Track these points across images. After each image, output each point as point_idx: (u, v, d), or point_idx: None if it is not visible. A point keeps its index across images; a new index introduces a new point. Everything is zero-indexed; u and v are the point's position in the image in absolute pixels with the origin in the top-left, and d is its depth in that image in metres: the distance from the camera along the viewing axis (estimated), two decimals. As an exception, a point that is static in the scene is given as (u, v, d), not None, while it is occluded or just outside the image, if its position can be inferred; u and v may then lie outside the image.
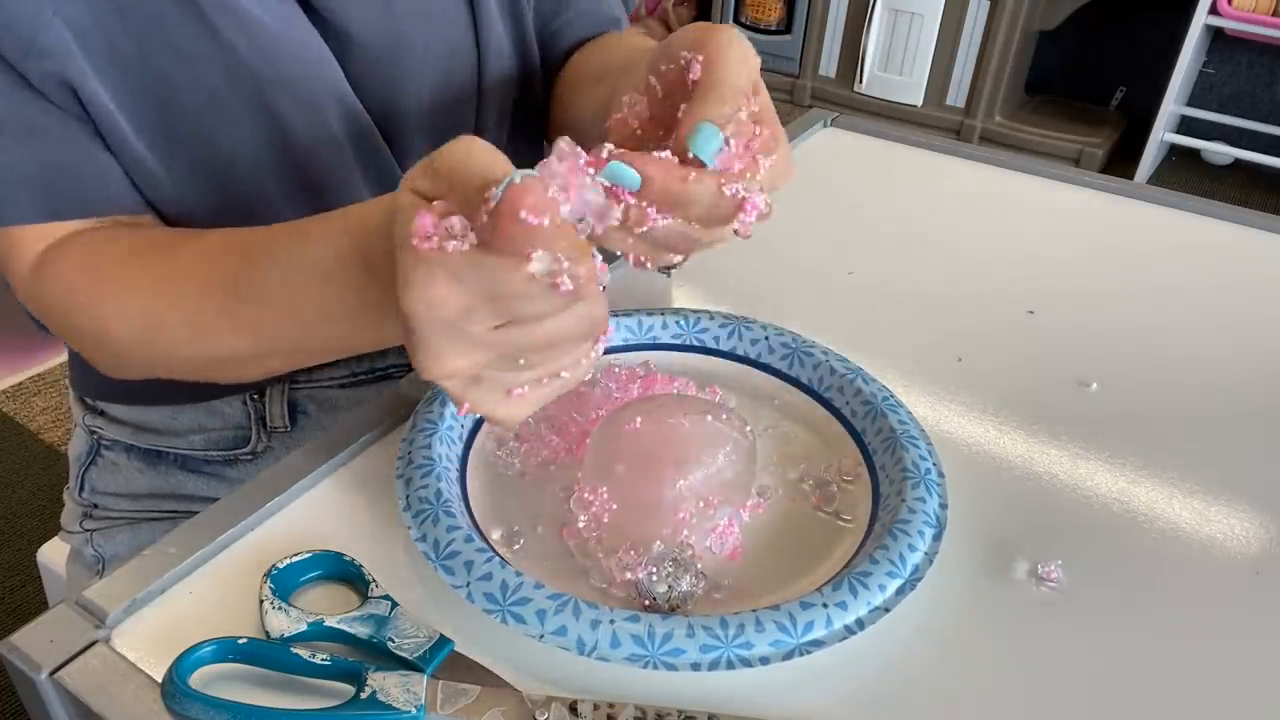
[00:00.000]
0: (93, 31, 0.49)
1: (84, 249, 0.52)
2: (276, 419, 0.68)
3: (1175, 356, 0.62)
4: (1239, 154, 2.81)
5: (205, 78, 0.52)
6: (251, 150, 0.55)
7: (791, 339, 0.55)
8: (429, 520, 0.42)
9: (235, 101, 0.53)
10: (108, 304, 0.51)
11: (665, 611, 0.42)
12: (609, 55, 0.66)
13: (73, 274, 0.52)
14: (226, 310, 0.48)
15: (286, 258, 0.46)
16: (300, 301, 0.45)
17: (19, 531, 1.55)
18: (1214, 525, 0.50)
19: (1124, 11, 2.93)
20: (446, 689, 0.38)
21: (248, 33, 0.52)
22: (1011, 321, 0.65)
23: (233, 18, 0.51)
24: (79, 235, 0.53)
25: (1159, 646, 0.43)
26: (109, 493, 0.72)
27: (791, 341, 0.55)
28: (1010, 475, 0.52)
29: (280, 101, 0.54)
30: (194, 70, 0.52)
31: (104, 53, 0.50)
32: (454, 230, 0.34)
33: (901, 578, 0.42)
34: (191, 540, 0.44)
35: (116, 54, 0.50)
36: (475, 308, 0.35)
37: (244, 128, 0.54)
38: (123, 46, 0.50)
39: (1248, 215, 0.78)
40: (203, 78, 0.52)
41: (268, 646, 0.39)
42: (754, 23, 3.22)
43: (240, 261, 0.48)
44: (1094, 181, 0.83)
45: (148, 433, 0.69)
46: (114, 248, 0.52)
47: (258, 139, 0.55)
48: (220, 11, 0.51)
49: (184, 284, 0.50)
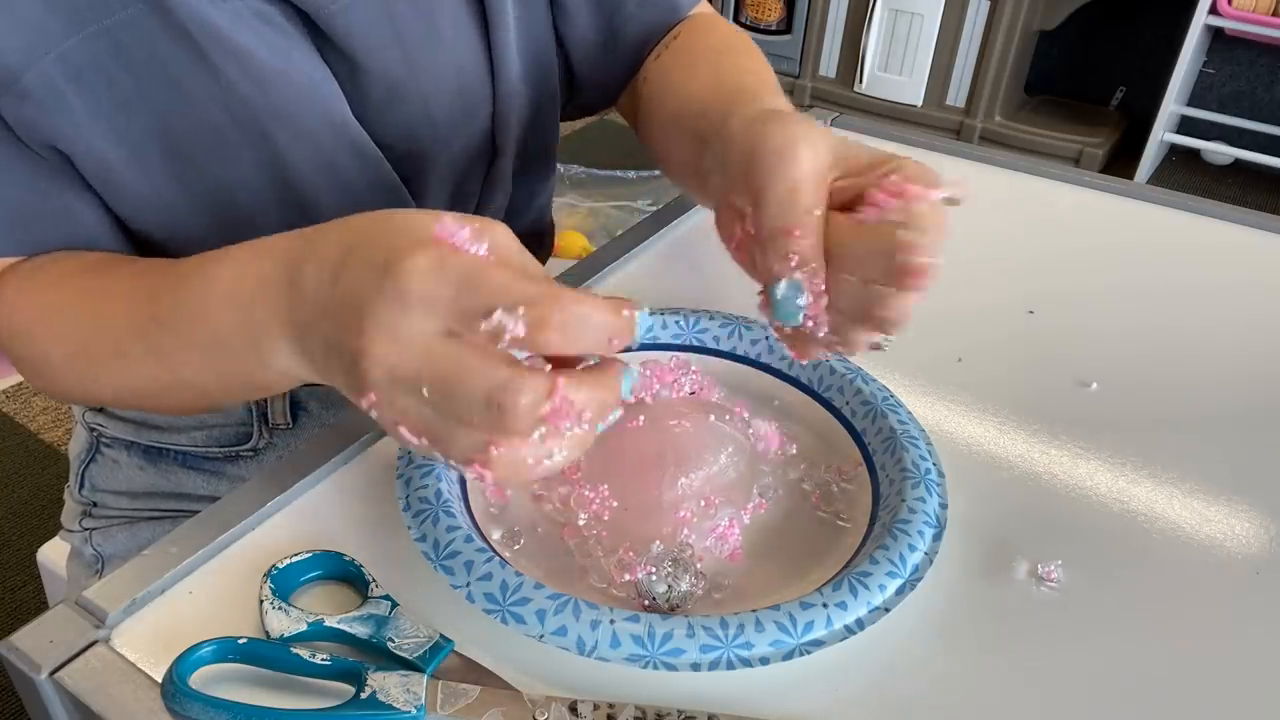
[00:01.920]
0: (89, 68, 0.48)
1: (29, 272, 0.52)
2: (278, 416, 0.68)
3: (1175, 356, 0.62)
4: (1239, 154, 2.81)
5: (204, 114, 0.51)
6: (252, 183, 0.54)
7: (791, 339, 0.55)
8: (429, 520, 0.42)
9: (235, 136, 0.53)
10: (43, 325, 0.51)
11: (664, 611, 0.42)
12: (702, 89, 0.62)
13: (15, 296, 0.52)
14: (142, 332, 0.47)
15: (202, 279, 0.44)
16: (207, 325, 0.43)
17: (19, 531, 1.55)
18: (1214, 525, 0.50)
19: (1124, 11, 2.93)
20: (446, 689, 0.38)
21: (247, 69, 0.51)
22: (1011, 321, 0.65)
23: (232, 56, 0.50)
24: (26, 260, 0.52)
25: (1159, 646, 0.43)
26: (109, 490, 0.72)
27: (791, 341, 0.55)
28: (1010, 475, 0.52)
29: (279, 135, 0.53)
30: (192, 106, 0.51)
31: (101, 89, 0.49)
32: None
33: (901, 578, 0.42)
34: (191, 540, 0.44)
35: (114, 90, 0.49)
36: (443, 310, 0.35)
37: (244, 162, 0.54)
38: (121, 83, 0.49)
39: (1248, 215, 0.78)
40: (201, 114, 0.51)
41: (268, 646, 0.39)
42: (754, 23, 3.22)
43: (164, 283, 0.47)
44: (1094, 181, 0.83)
45: (150, 429, 0.70)
46: (55, 269, 0.52)
47: (258, 172, 0.54)
48: (219, 49, 0.50)
49: (113, 304, 0.49)
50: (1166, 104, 2.71)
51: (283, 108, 0.53)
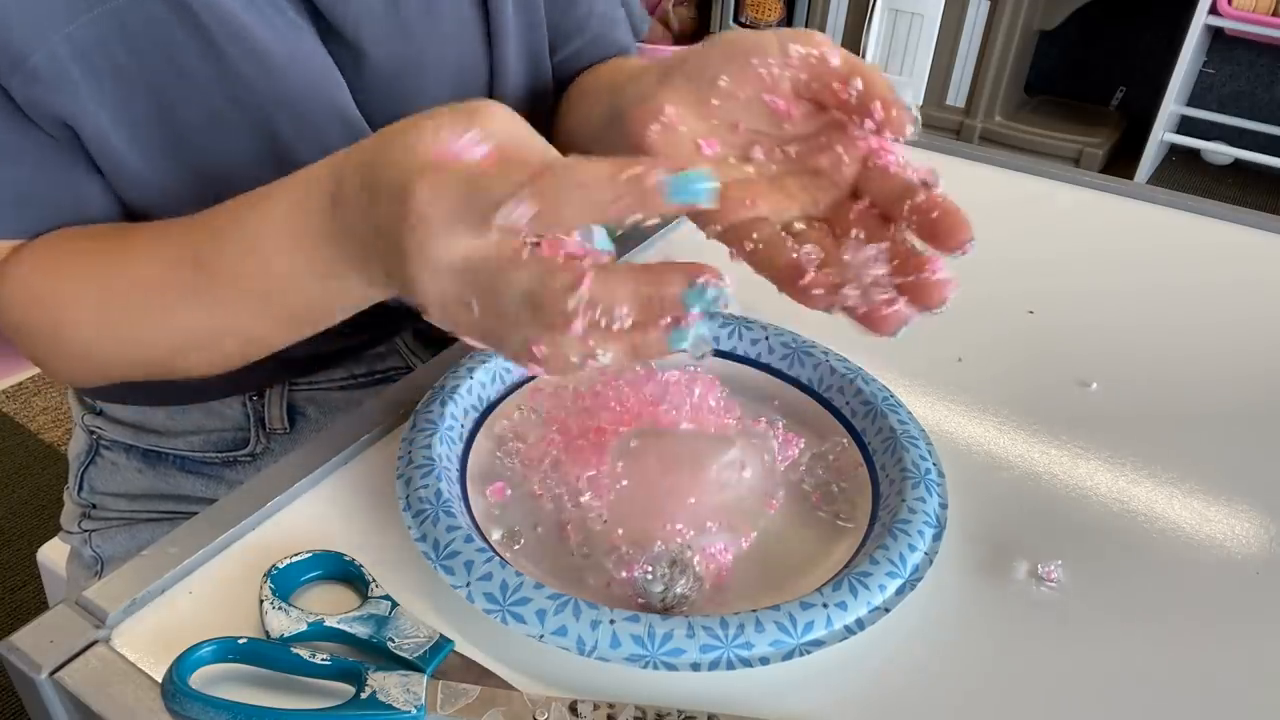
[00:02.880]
0: (95, 49, 0.49)
1: (43, 249, 0.52)
2: (275, 421, 0.68)
3: (1175, 356, 0.62)
4: (1239, 154, 2.81)
5: (208, 98, 0.52)
6: (251, 169, 0.54)
7: (791, 339, 0.55)
8: (429, 520, 0.42)
9: (236, 121, 0.53)
10: (64, 293, 0.51)
11: (659, 612, 0.42)
12: (609, 73, 0.66)
13: (30, 274, 0.51)
14: (186, 285, 0.48)
15: (248, 221, 0.46)
16: (263, 263, 0.45)
17: (19, 531, 1.55)
18: (1214, 525, 0.50)
19: (1124, 11, 2.93)
20: (446, 689, 0.38)
21: (252, 54, 0.51)
22: (1011, 321, 0.65)
23: (237, 40, 0.51)
24: (38, 240, 0.52)
25: (1159, 646, 0.43)
26: (108, 493, 0.72)
27: (791, 341, 0.55)
28: (1010, 475, 0.52)
29: (281, 122, 0.54)
30: (197, 91, 0.51)
31: (105, 70, 0.49)
32: None
33: (901, 578, 0.42)
34: (191, 540, 0.44)
35: (118, 71, 0.50)
36: None
37: (243, 148, 0.54)
38: (125, 65, 0.50)
39: (1247, 215, 0.78)
40: (205, 98, 0.52)
41: (268, 646, 0.39)
42: (754, 22, 3.22)
43: (203, 234, 0.48)
44: (1094, 181, 0.83)
45: (148, 433, 0.69)
46: (74, 243, 0.52)
47: (258, 159, 0.54)
48: (224, 33, 0.50)
49: (144, 261, 0.49)
50: (1166, 104, 2.71)
51: (286, 94, 0.53)
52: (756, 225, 0.45)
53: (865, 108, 0.43)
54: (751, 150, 0.47)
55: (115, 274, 0.50)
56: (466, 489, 0.47)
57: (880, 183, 0.45)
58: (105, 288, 0.50)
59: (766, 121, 0.46)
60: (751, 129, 0.46)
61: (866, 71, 0.44)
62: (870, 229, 0.44)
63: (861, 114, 0.43)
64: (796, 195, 0.46)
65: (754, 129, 0.46)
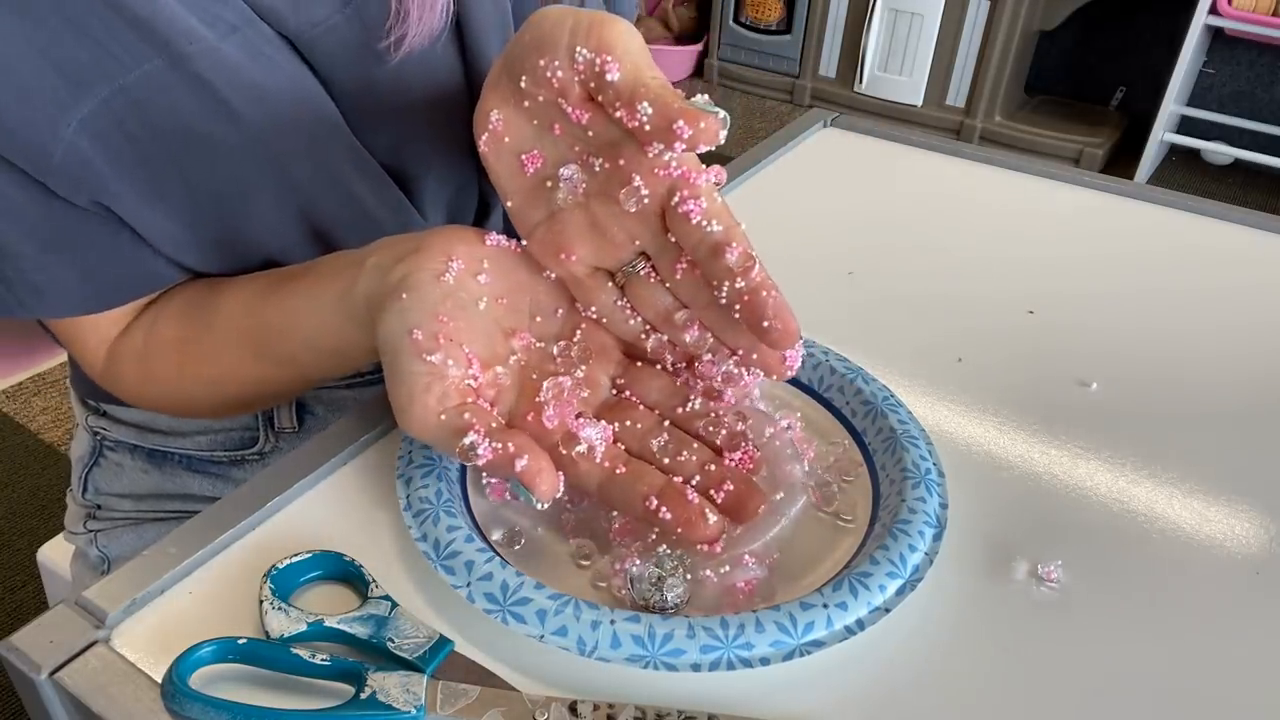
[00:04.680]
0: (112, 131, 0.48)
1: (155, 305, 0.57)
2: (284, 419, 0.68)
3: (1175, 356, 0.62)
4: (1239, 154, 2.81)
5: (225, 157, 0.51)
6: (277, 223, 0.55)
7: (791, 339, 0.55)
8: (429, 520, 0.42)
9: (255, 178, 0.53)
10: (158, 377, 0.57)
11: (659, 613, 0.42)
12: None
13: (148, 329, 0.57)
14: (251, 339, 0.54)
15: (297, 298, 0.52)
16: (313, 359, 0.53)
17: (19, 531, 1.56)
18: (1214, 525, 0.50)
19: (1124, 11, 2.93)
20: (446, 689, 0.38)
21: (260, 103, 0.51)
22: (1011, 321, 0.65)
23: (244, 91, 0.50)
24: (138, 323, 0.57)
25: (1159, 646, 0.43)
26: (113, 494, 0.72)
27: (791, 341, 0.55)
28: (1010, 475, 0.52)
29: (294, 167, 0.53)
30: (210, 151, 0.51)
31: (125, 150, 0.49)
32: None
33: (901, 578, 0.42)
34: (191, 540, 0.44)
35: (138, 148, 0.49)
36: None
37: (267, 202, 0.54)
38: (141, 139, 0.49)
39: (1248, 215, 0.78)
40: (222, 157, 0.51)
41: (268, 646, 0.39)
42: (754, 23, 3.22)
43: (263, 333, 0.54)
44: (1094, 181, 0.83)
45: (153, 433, 0.69)
46: (159, 333, 0.57)
47: (283, 211, 0.55)
48: (231, 86, 0.49)
49: (213, 363, 0.56)
50: (1166, 104, 2.71)
51: (295, 136, 0.52)
52: (593, 293, 0.45)
53: (665, 132, 0.38)
54: (566, 163, 0.44)
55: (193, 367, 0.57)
56: (467, 489, 0.47)
57: (683, 231, 0.41)
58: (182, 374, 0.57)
59: (573, 124, 0.42)
60: (566, 131, 0.43)
61: (654, 90, 0.39)
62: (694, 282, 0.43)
63: (664, 139, 0.39)
64: (612, 234, 0.43)
65: (568, 131, 0.43)
